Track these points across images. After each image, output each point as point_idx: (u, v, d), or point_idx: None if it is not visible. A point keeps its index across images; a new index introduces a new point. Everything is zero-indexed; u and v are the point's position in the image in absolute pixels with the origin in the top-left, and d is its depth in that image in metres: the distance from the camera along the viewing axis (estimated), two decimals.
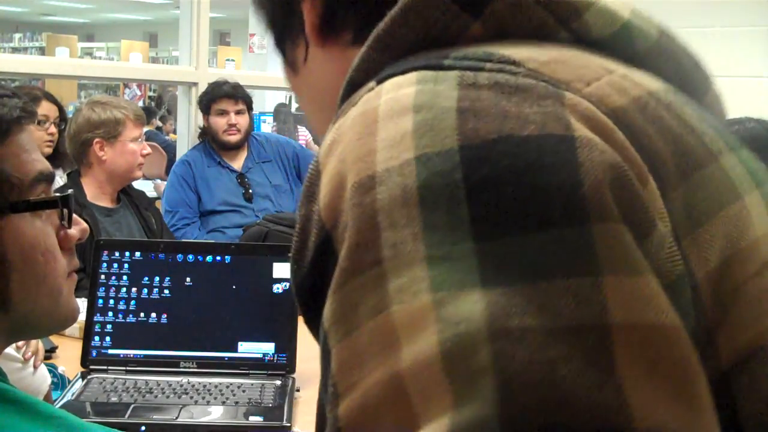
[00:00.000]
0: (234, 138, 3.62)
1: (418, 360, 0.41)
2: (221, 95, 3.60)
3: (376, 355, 0.43)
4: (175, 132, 7.05)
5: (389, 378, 0.42)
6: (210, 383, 1.66)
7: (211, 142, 3.65)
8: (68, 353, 1.85)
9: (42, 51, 15.61)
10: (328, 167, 0.49)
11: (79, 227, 0.87)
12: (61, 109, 3.32)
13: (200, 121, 3.76)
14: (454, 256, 0.43)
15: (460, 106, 0.47)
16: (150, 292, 1.76)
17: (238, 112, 3.62)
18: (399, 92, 0.49)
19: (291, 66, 0.67)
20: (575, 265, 0.43)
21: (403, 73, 0.51)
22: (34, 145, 0.85)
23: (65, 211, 0.85)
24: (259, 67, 9.49)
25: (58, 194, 0.85)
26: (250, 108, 3.72)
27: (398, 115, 0.48)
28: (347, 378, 0.44)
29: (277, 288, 1.77)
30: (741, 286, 0.50)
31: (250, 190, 3.60)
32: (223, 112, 3.59)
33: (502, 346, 0.40)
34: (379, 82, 0.52)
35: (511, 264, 0.43)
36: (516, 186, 0.44)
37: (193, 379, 1.68)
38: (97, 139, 2.66)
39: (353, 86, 0.55)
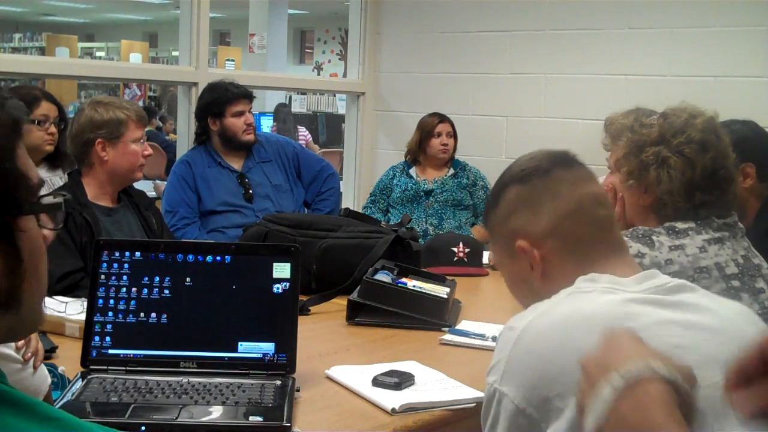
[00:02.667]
0: (252, 137, 3.62)
1: None
2: (238, 96, 3.58)
3: None
4: (175, 132, 7.06)
5: None
6: (210, 383, 1.66)
7: (216, 144, 3.62)
8: (68, 353, 1.85)
9: (42, 51, 15.62)
10: None
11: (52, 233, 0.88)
12: (60, 109, 3.32)
13: None
14: None
15: None
16: (150, 292, 1.76)
17: (249, 111, 3.62)
18: None
19: None
20: None
21: None
22: None
23: (57, 214, 0.86)
24: (259, 67, 9.50)
25: (53, 198, 0.85)
26: None
27: None
28: None
29: (277, 288, 1.76)
30: None
31: (250, 191, 3.59)
32: (240, 113, 3.58)
33: None
34: None
35: None
36: None
37: (193, 379, 1.68)
38: (99, 140, 2.66)
39: None
